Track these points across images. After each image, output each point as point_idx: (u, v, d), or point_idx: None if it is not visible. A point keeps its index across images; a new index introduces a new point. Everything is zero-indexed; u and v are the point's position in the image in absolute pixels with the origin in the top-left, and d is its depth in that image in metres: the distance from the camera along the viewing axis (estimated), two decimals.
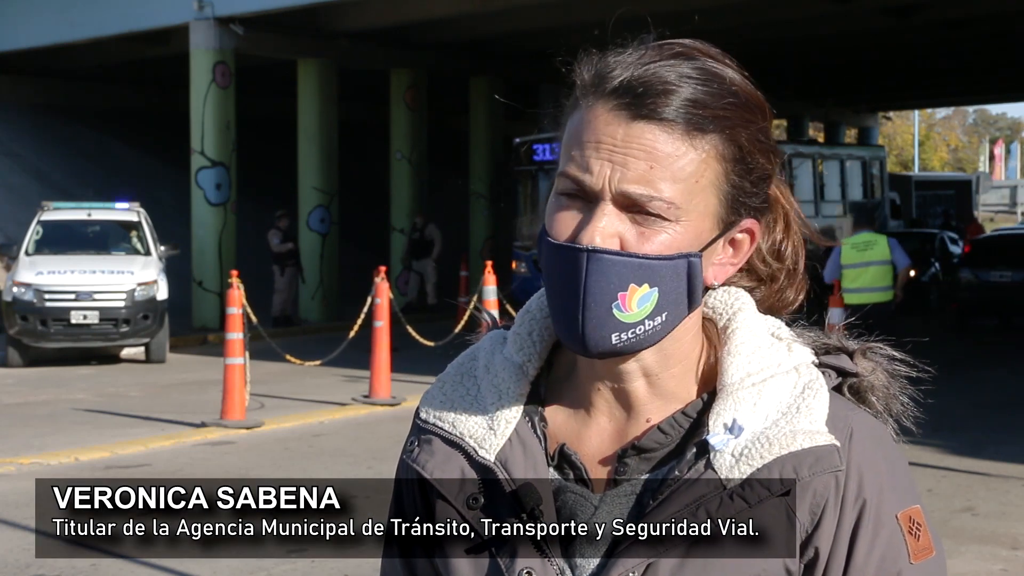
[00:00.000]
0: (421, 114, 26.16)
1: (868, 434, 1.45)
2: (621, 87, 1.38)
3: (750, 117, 1.42)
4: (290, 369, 15.92)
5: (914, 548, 1.43)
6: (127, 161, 28.11)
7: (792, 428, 1.41)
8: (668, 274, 1.38)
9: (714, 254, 1.43)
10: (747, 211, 1.44)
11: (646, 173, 1.36)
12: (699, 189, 1.38)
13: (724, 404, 1.43)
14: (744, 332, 1.48)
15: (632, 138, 1.37)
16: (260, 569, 7.13)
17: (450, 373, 1.58)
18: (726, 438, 1.41)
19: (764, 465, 1.39)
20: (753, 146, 1.42)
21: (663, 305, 1.39)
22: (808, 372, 1.47)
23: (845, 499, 1.41)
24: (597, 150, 1.38)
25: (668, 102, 1.37)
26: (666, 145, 1.37)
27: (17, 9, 24.94)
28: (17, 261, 18.19)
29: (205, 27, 22.20)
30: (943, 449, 10.81)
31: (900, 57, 31.59)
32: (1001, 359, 18.09)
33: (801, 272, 1.56)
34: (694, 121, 1.37)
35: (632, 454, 1.45)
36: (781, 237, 1.54)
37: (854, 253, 13.25)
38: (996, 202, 51.65)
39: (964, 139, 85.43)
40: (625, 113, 1.38)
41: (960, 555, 7.67)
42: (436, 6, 22.57)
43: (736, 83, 1.42)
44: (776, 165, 1.47)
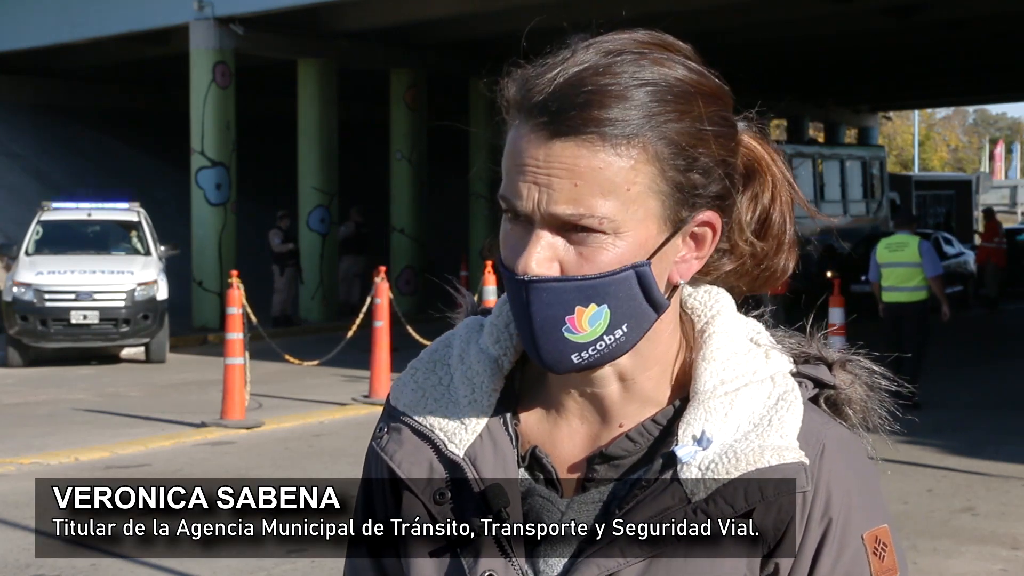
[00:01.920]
0: (421, 114, 26.16)
1: (840, 450, 1.42)
2: (539, 104, 1.33)
3: (683, 108, 1.34)
4: (290, 369, 15.92)
5: (877, 569, 1.41)
6: (127, 161, 28.11)
7: (761, 443, 1.38)
8: (615, 289, 1.34)
9: (672, 253, 1.38)
10: (702, 204, 1.37)
11: (572, 192, 1.31)
12: (633, 197, 1.33)
13: (695, 414, 1.40)
14: (720, 337, 1.45)
15: (553, 158, 1.32)
16: (260, 569, 7.13)
17: (423, 360, 1.54)
18: (693, 450, 1.38)
19: (730, 481, 1.36)
20: (691, 138, 1.34)
21: (619, 319, 1.35)
22: (784, 382, 1.43)
23: (811, 516, 1.38)
24: (523, 173, 1.34)
25: (585, 117, 1.31)
26: (588, 160, 1.31)
27: (17, 9, 24.95)
28: (17, 261, 18.19)
29: (205, 27, 22.20)
30: (943, 449, 10.81)
31: (900, 57, 31.59)
32: (1001, 359, 18.09)
33: (791, 239, 1.50)
34: (616, 130, 1.31)
35: (599, 461, 1.43)
36: (768, 205, 1.47)
37: (886, 252, 13.40)
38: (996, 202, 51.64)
39: (964, 139, 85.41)
40: (544, 132, 1.32)
41: (960, 555, 7.67)
42: (436, 6, 22.58)
43: (672, 75, 1.35)
44: (732, 145, 1.40)
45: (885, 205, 29.40)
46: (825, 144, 34.50)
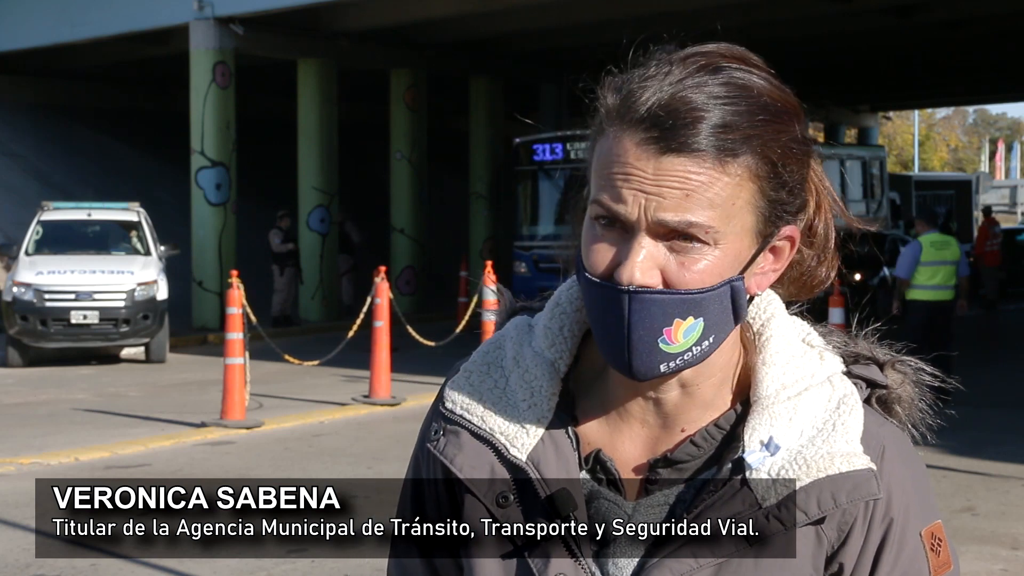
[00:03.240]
0: (421, 114, 26.16)
1: (898, 452, 1.46)
2: (648, 117, 1.36)
3: (781, 128, 1.39)
4: (290, 369, 15.91)
5: (935, 564, 1.46)
6: (127, 161, 28.10)
7: (829, 449, 1.41)
8: (712, 303, 1.37)
9: (755, 266, 1.42)
10: (785, 219, 1.43)
11: (682, 202, 1.35)
12: (736, 211, 1.37)
13: (760, 419, 1.43)
14: (778, 341, 1.48)
15: (663, 171, 1.35)
16: (260, 569, 7.13)
17: (476, 362, 1.55)
18: (762, 456, 1.40)
19: (802, 488, 1.39)
20: (787, 157, 1.40)
21: (709, 330, 1.38)
22: (842, 385, 1.47)
23: (873, 518, 1.42)
24: (628, 181, 1.36)
25: (697, 131, 1.35)
26: (699, 175, 1.35)
27: (17, 9, 24.94)
28: (17, 261, 18.19)
29: (205, 27, 22.20)
30: (943, 449, 10.82)
31: (900, 57, 31.58)
32: (1001, 359, 18.10)
33: (832, 249, 1.53)
34: (725, 147, 1.35)
35: (663, 465, 1.45)
36: (813, 215, 1.51)
37: (933, 251, 13.55)
38: (996, 202, 51.64)
39: (964, 139, 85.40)
40: (654, 147, 1.35)
41: (960, 555, 7.61)
42: (436, 6, 22.57)
43: (765, 92, 1.40)
44: (810, 163, 1.45)
45: (885, 205, 29.39)
46: (825, 144, 34.46)
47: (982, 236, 28.09)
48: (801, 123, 1.43)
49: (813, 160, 1.48)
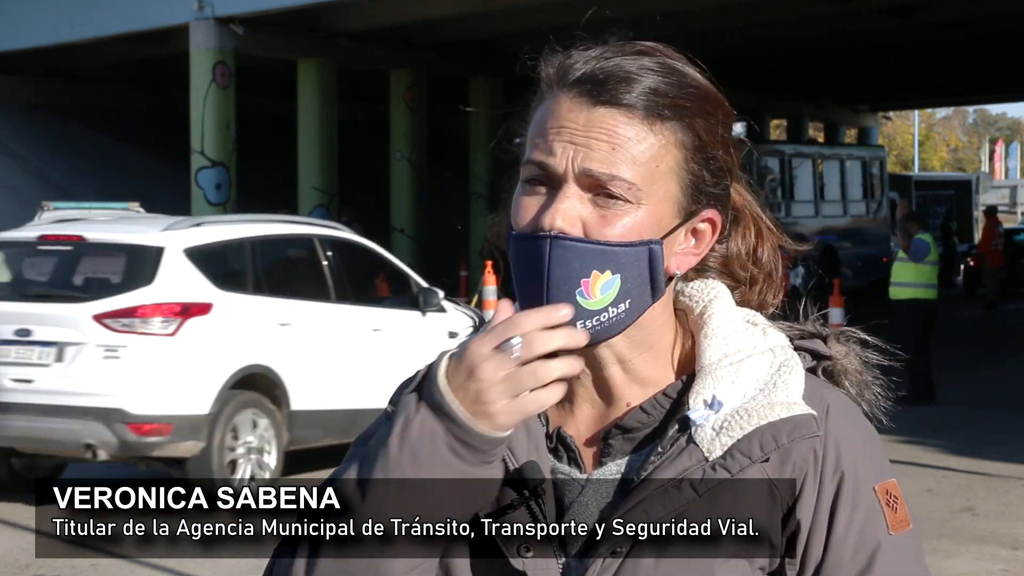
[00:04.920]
0: (421, 114, 26.16)
1: (844, 410, 1.48)
2: (584, 77, 1.43)
3: (709, 109, 1.45)
4: None
5: (892, 520, 1.46)
6: (127, 161, 28.11)
7: (769, 400, 1.44)
8: (630, 261, 1.41)
9: (676, 243, 1.46)
10: (708, 201, 1.46)
11: (608, 155, 1.40)
12: (659, 174, 1.42)
13: (703, 383, 1.46)
14: (720, 317, 1.51)
15: (594, 123, 1.41)
16: (260, 569, 7.10)
17: None
18: (706, 413, 1.44)
19: (744, 436, 1.42)
20: (712, 138, 1.45)
21: (626, 291, 1.41)
22: (783, 353, 1.50)
23: (824, 471, 1.44)
24: (559, 134, 1.42)
25: (629, 89, 1.41)
26: (627, 129, 1.41)
27: (17, 9, 24.95)
28: None
29: (205, 27, 22.20)
30: (943, 449, 10.82)
31: (900, 57, 31.59)
32: (1000, 359, 18.10)
33: (779, 275, 1.59)
34: (654, 108, 1.41)
35: (616, 434, 1.48)
36: (755, 243, 1.57)
37: (934, 252, 13.76)
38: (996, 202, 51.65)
39: (964, 139, 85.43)
40: (587, 100, 1.42)
41: (960, 555, 7.67)
42: (436, 6, 22.58)
43: (695, 79, 1.46)
44: (736, 161, 1.50)
45: (885, 205, 29.40)
46: (825, 144, 34.54)
47: (987, 236, 28.07)
48: (730, 121, 1.49)
49: (744, 190, 1.54)
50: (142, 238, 9.39)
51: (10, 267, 9.72)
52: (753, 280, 1.57)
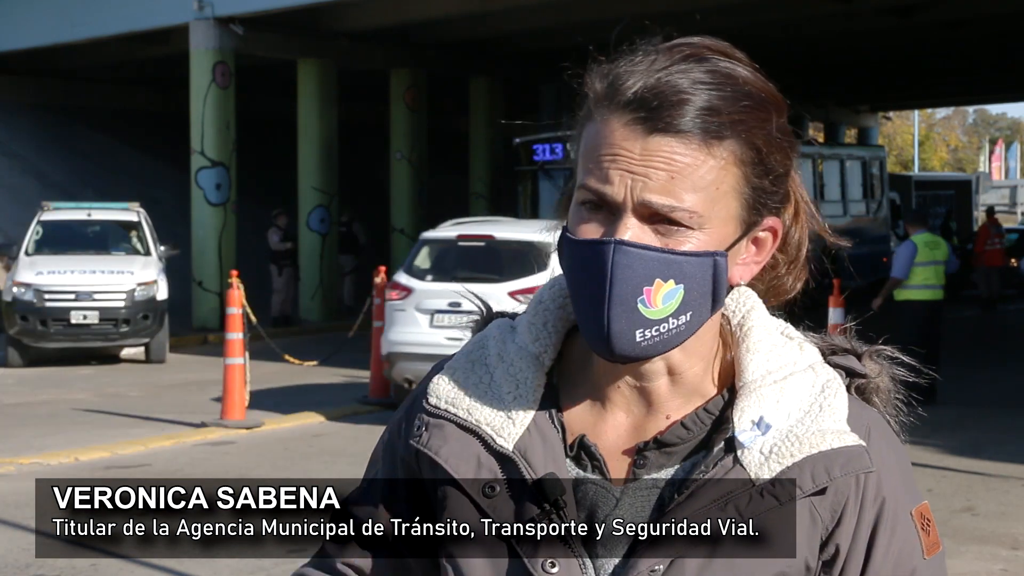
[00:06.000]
0: (421, 114, 26.16)
1: (882, 433, 1.48)
2: (635, 99, 1.38)
3: (765, 116, 1.41)
4: (290, 369, 15.92)
5: (927, 544, 1.47)
6: (127, 161, 28.10)
7: (819, 427, 1.42)
8: (694, 271, 1.38)
9: (738, 254, 1.44)
10: (768, 209, 1.44)
11: (667, 184, 1.36)
12: (720, 196, 1.39)
13: (748, 400, 1.44)
14: (759, 331, 1.49)
15: (650, 152, 1.37)
16: (260, 569, 7.12)
17: (460, 360, 1.55)
18: (754, 435, 1.42)
19: (795, 463, 1.40)
20: (770, 146, 1.41)
21: (688, 303, 1.39)
22: (824, 371, 1.48)
23: (865, 497, 1.43)
24: (615, 162, 1.38)
25: (683, 113, 1.36)
26: (684, 156, 1.37)
27: (17, 9, 24.94)
28: (17, 261, 18.18)
29: (205, 27, 22.20)
30: (943, 449, 10.81)
31: (900, 57, 31.58)
32: (1000, 359, 18.09)
33: (802, 261, 1.55)
34: (710, 130, 1.37)
35: (652, 448, 1.45)
36: (790, 224, 1.52)
37: (927, 251, 13.65)
38: (996, 202, 51.63)
39: (964, 139, 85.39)
40: (641, 128, 1.37)
41: (960, 555, 7.67)
42: (436, 6, 22.57)
43: (749, 82, 1.41)
44: (794, 159, 1.47)
45: (885, 205, 29.38)
46: (825, 144, 34.49)
47: (982, 236, 28.10)
48: (784, 116, 1.45)
49: (795, 161, 1.49)
50: (536, 237, 12.01)
51: (434, 257, 12.87)
52: (775, 264, 1.53)
